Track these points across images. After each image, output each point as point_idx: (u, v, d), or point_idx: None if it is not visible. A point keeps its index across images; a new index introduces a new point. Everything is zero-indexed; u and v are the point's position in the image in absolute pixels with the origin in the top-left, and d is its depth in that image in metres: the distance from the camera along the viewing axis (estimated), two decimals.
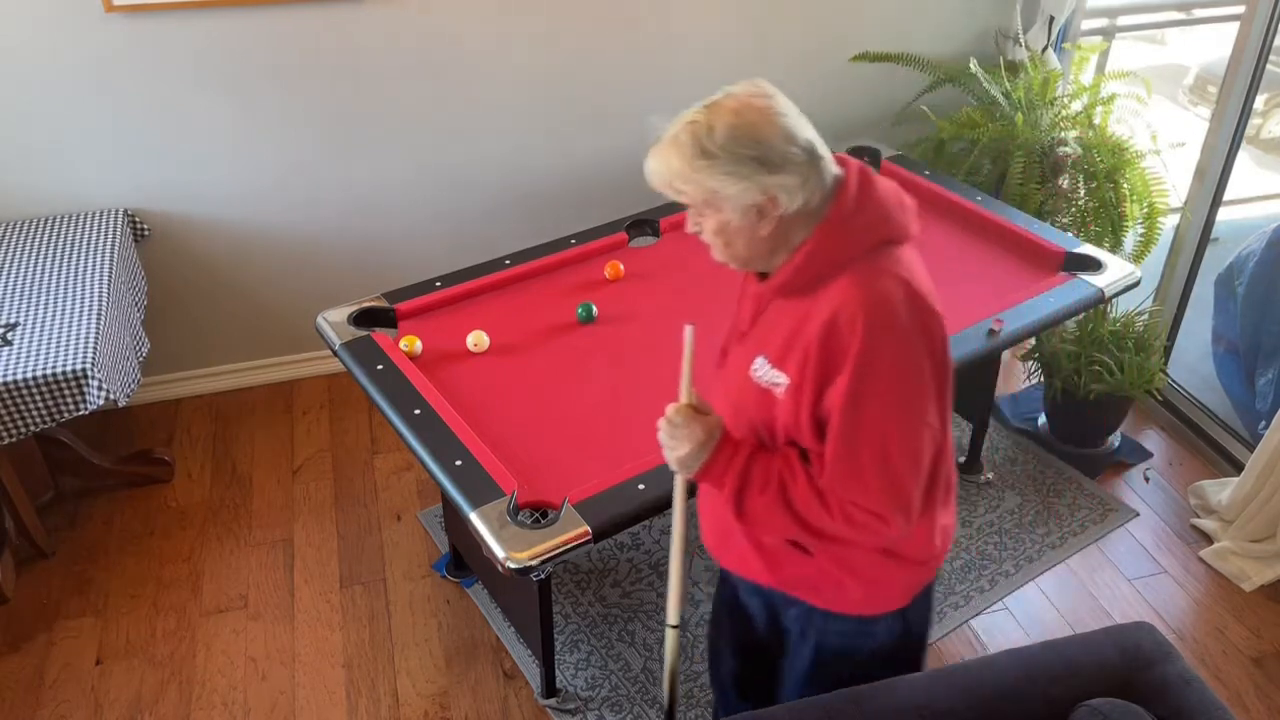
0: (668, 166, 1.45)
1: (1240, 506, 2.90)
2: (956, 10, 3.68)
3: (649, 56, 3.41)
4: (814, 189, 1.40)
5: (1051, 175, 3.33)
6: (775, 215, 1.40)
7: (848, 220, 1.41)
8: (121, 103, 2.96)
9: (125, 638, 2.70)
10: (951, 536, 1.70)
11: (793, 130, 1.38)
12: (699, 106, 1.43)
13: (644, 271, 2.81)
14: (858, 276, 1.40)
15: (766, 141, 1.37)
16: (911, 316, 1.39)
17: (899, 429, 1.42)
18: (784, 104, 1.41)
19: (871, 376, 1.38)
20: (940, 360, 1.44)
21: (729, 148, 1.37)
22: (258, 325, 3.48)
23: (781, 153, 1.36)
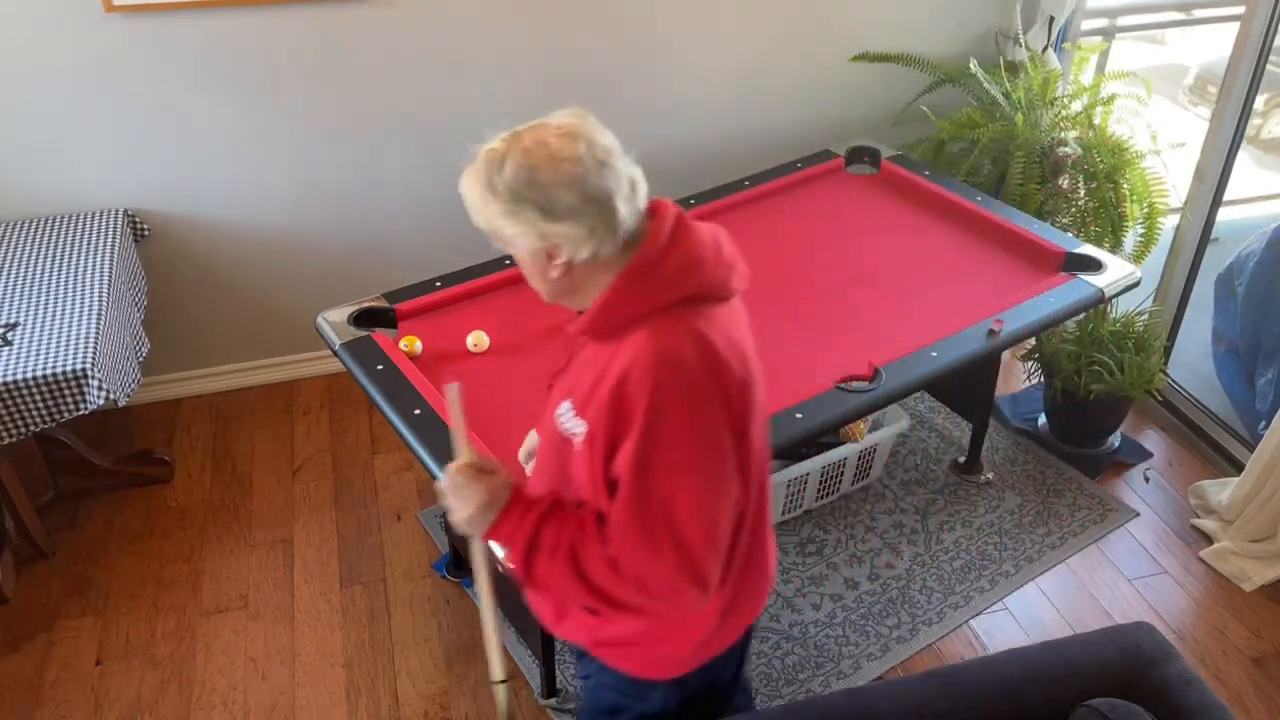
0: (467, 192, 1.40)
1: (1240, 506, 2.90)
2: (956, 10, 3.68)
3: (649, 56, 3.41)
4: (604, 240, 1.31)
5: (1051, 175, 3.33)
6: (560, 262, 1.34)
7: (647, 273, 1.32)
8: (122, 103, 2.96)
9: (125, 638, 2.70)
10: (752, 606, 1.61)
11: (583, 179, 1.28)
12: (510, 132, 1.35)
13: None
14: (654, 331, 1.30)
15: (548, 189, 1.28)
16: (707, 378, 1.30)
17: (692, 497, 1.32)
18: (585, 146, 1.30)
19: (659, 441, 1.29)
20: (740, 426, 1.35)
21: (511, 188, 1.30)
22: (258, 325, 3.48)
23: (565, 203, 1.28)
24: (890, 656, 2.64)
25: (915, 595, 2.80)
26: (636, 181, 1.35)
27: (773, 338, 2.57)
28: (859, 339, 2.54)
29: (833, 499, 3.09)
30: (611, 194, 1.30)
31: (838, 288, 2.74)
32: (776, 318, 2.63)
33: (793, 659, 2.63)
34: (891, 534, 2.99)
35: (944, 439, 3.34)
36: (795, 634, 2.70)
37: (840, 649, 2.66)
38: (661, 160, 3.62)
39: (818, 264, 2.83)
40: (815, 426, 2.26)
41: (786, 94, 3.66)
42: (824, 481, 2.98)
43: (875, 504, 3.09)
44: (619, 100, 3.45)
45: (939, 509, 3.07)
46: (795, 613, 2.75)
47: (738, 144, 3.68)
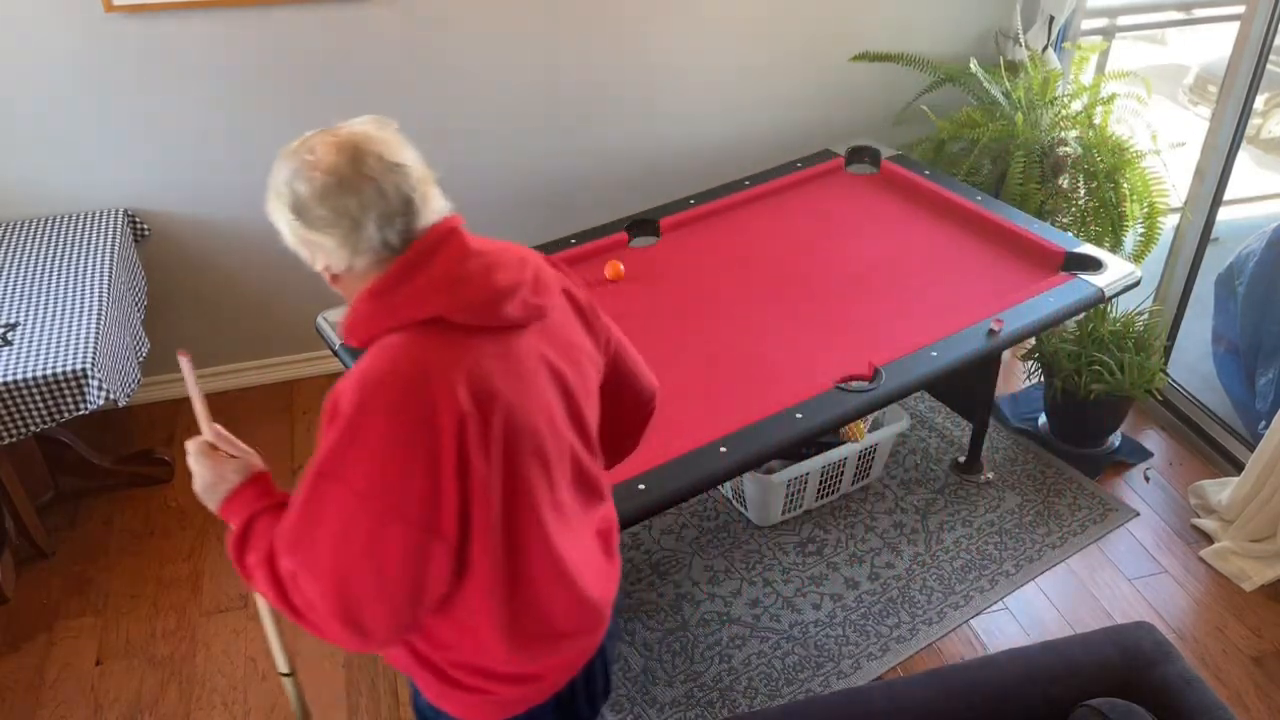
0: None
1: (1240, 506, 2.90)
2: (956, 10, 3.68)
3: (649, 56, 3.41)
4: (354, 256, 1.29)
5: (1051, 175, 3.33)
6: (322, 269, 1.33)
7: (385, 292, 1.29)
8: (122, 103, 2.96)
9: (125, 638, 2.70)
10: (547, 672, 1.49)
11: (334, 192, 1.26)
12: (320, 130, 1.34)
13: (644, 271, 2.81)
14: (378, 348, 1.28)
15: (301, 196, 1.27)
16: (406, 401, 1.23)
17: (346, 520, 1.25)
18: (348, 159, 1.27)
19: (334, 451, 1.25)
20: (458, 465, 1.25)
21: (278, 188, 1.30)
22: (258, 325, 3.48)
23: (315, 213, 1.27)
24: (890, 656, 2.64)
25: (915, 595, 2.80)
26: (415, 200, 1.31)
27: (773, 338, 2.57)
28: (859, 339, 2.54)
29: (833, 499, 3.09)
30: (363, 211, 1.27)
31: (838, 288, 2.74)
32: (776, 318, 2.63)
33: (793, 659, 2.63)
34: (891, 534, 2.99)
35: (944, 439, 3.34)
36: (795, 634, 2.70)
37: (840, 649, 2.66)
38: (662, 160, 3.62)
39: (818, 264, 2.83)
40: (815, 426, 2.26)
41: (786, 94, 3.66)
42: (824, 481, 2.98)
43: (875, 504, 3.09)
44: (619, 100, 3.45)
45: (939, 509, 3.07)
46: (795, 612, 2.75)
47: (738, 144, 3.68)
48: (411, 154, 1.34)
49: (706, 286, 2.75)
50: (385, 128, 1.35)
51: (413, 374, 1.25)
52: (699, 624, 2.72)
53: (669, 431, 2.25)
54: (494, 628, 1.39)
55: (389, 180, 1.28)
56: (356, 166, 1.27)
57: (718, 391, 2.39)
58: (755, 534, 2.99)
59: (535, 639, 1.45)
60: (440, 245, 1.32)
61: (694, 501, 3.07)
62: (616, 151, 3.56)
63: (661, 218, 2.98)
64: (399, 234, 1.30)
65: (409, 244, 1.30)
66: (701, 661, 2.62)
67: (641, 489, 2.07)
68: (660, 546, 2.95)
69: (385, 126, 1.35)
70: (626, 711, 2.50)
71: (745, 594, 2.80)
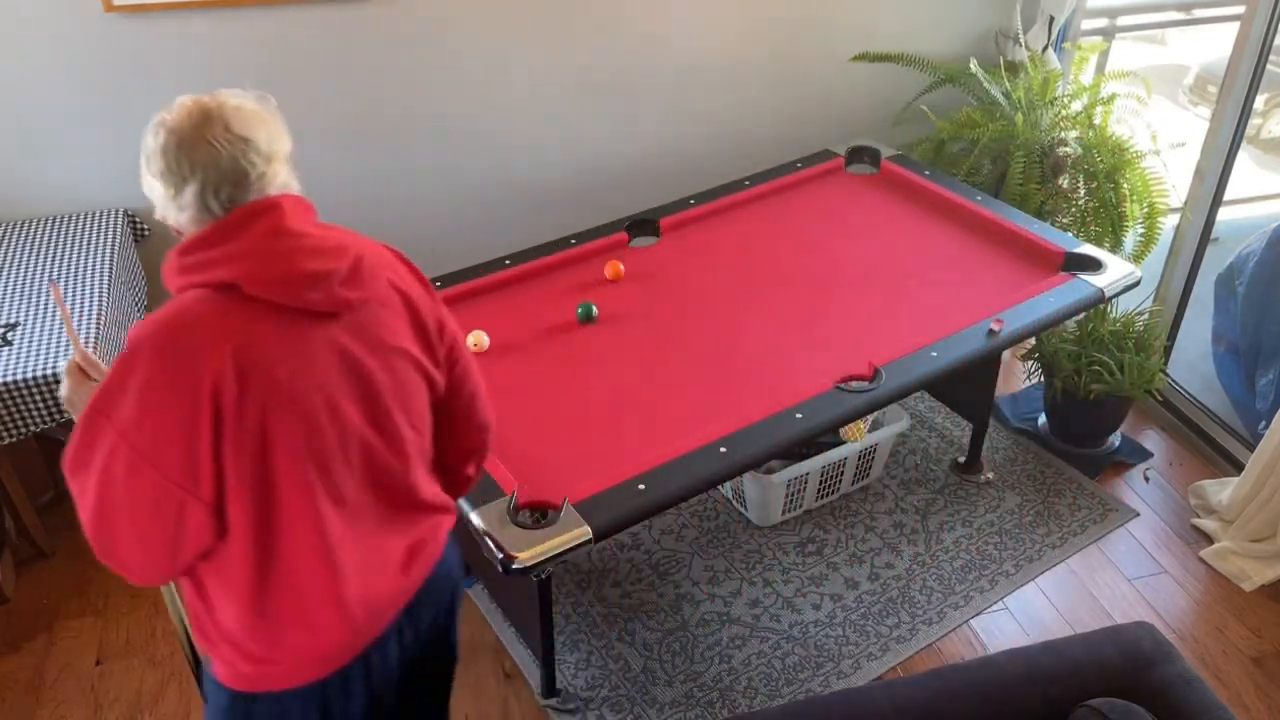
0: None
1: (1240, 506, 2.90)
2: (956, 10, 3.68)
3: (649, 56, 3.41)
4: (181, 212, 1.38)
5: (1051, 175, 3.33)
6: (159, 218, 1.43)
7: (192, 250, 1.37)
8: (122, 102, 2.96)
9: (125, 638, 2.70)
10: (305, 653, 1.47)
11: (173, 148, 1.34)
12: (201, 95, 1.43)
13: (644, 271, 2.81)
14: (171, 301, 1.38)
15: (148, 146, 1.37)
16: (176, 352, 1.29)
17: (120, 458, 1.28)
18: (193, 124, 1.36)
19: (112, 388, 1.29)
20: (213, 425, 1.28)
21: (145, 137, 1.40)
22: None
23: (154, 164, 1.37)
24: (890, 656, 2.64)
25: (915, 595, 2.80)
26: (251, 175, 1.35)
27: (773, 338, 2.57)
28: (859, 339, 2.54)
29: (833, 499, 3.09)
30: (191, 172, 1.34)
31: (838, 288, 2.74)
32: (776, 318, 2.63)
33: (793, 659, 2.63)
34: (891, 534, 2.99)
35: (944, 439, 3.34)
36: (795, 634, 2.70)
37: (840, 649, 2.66)
38: (661, 160, 3.62)
39: (818, 264, 2.83)
40: (815, 426, 2.26)
41: (787, 94, 3.66)
42: (824, 481, 2.98)
43: (875, 504, 3.09)
44: (619, 100, 3.45)
45: (939, 509, 3.07)
46: (795, 613, 2.75)
47: (738, 144, 3.68)
48: (269, 132, 1.40)
49: (706, 286, 2.75)
50: (260, 102, 1.44)
51: (184, 325, 1.31)
52: (699, 624, 2.72)
53: (669, 431, 2.25)
54: (243, 597, 1.41)
55: (228, 150, 1.34)
56: (200, 130, 1.35)
57: (718, 392, 2.39)
58: (755, 534, 2.99)
59: (279, 623, 1.44)
60: (255, 219, 1.35)
61: (694, 501, 3.07)
62: (617, 151, 3.56)
63: (661, 218, 2.98)
64: (221, 202, 1.35)
65: (229, 212, 1.35)
66: (701, 661, 2.62)
67: (641, 489, 2.07)
68: (660, 546, 2.95)
69: (261, 101, 1.44)
70: (626, 711, 2.50)
71: (745, 594, 2.80)
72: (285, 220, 1.37)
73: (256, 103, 1.43)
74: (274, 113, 1.44)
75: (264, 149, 1.37)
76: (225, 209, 1.35)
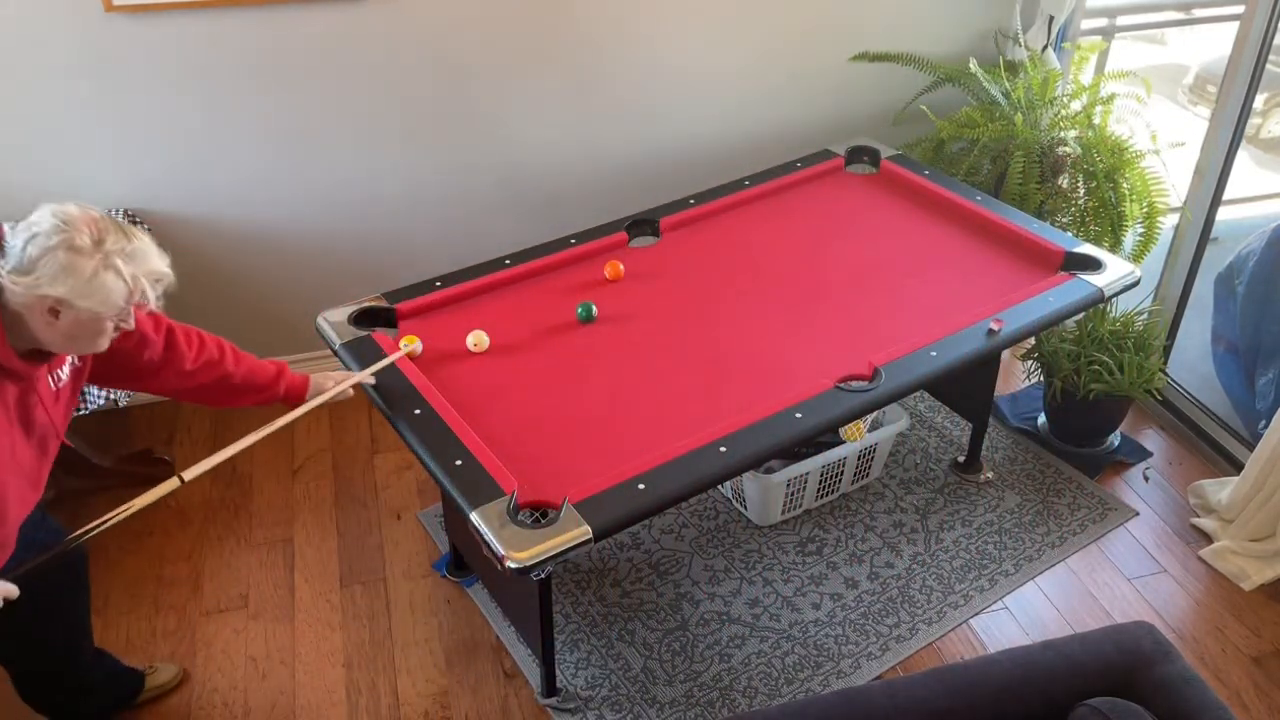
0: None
1: (1240, 506, 2.90)
2: (956, 10, 3.68)
3: (648, 57, 3.41)
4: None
5: (1051, 175, 3.33)
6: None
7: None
8: (121, 102, 2.96)
9: (125, 638, 2.70)
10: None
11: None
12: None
13: (644, 271, 2.81)
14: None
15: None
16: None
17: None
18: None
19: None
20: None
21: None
22: (258, 325, 3.48)
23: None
24: (890, 656, 2.64)
25: (915, 594, 2.80)
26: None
27: (772, 337, 2.57)
28: (859, 339, 2.54)
29: (832, 498, 3.09)
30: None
31: (838, 287, 2.74)
32: (776, 317, 2.63)
33: (793, 658, 2.63)
34: (891, 533, 2.99)
35: (944, 438, 3.34)
36: (795, 633, 2.70)
37: (840, 648, 2.66)
38: (661, 160, 3.62)
39: (817, 264, 2.84)
40: (815, 426, 2.26)
41: (786, 94, 3.66)
42: (824, 481, 2.98)
43: (875, 503, 3.09)
44: (619, 100, 3.45)
45: (939, 508, 3.07)
46: (795, 612, 2.76)
47: (738, 144, 3.68)
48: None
49: (706, 286, 2.75)
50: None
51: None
52: (699, 624, 2.72)
53: (669, 431, 2.26)
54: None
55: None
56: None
57: (717, 391, 2.39)
58: (755, 534, 2.99)
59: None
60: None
61: (694, 501, 3.07)
62: (616, 151, 3.56)
63: (661, 218, 2.98)
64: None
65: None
66: (701, 661, 2.63)
67: (641, 489, 2.07)
68: (660, 546, 2.95)
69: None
70: (626, 711, 2.50)
71: (745, 594, 2.81)
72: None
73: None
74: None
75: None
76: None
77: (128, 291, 1.67)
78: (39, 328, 1.66)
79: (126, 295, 1.67)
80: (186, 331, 2.08)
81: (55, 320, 1.65)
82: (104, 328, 1.70)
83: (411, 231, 3.48)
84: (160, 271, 1.75)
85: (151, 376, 2.04)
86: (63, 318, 1.64)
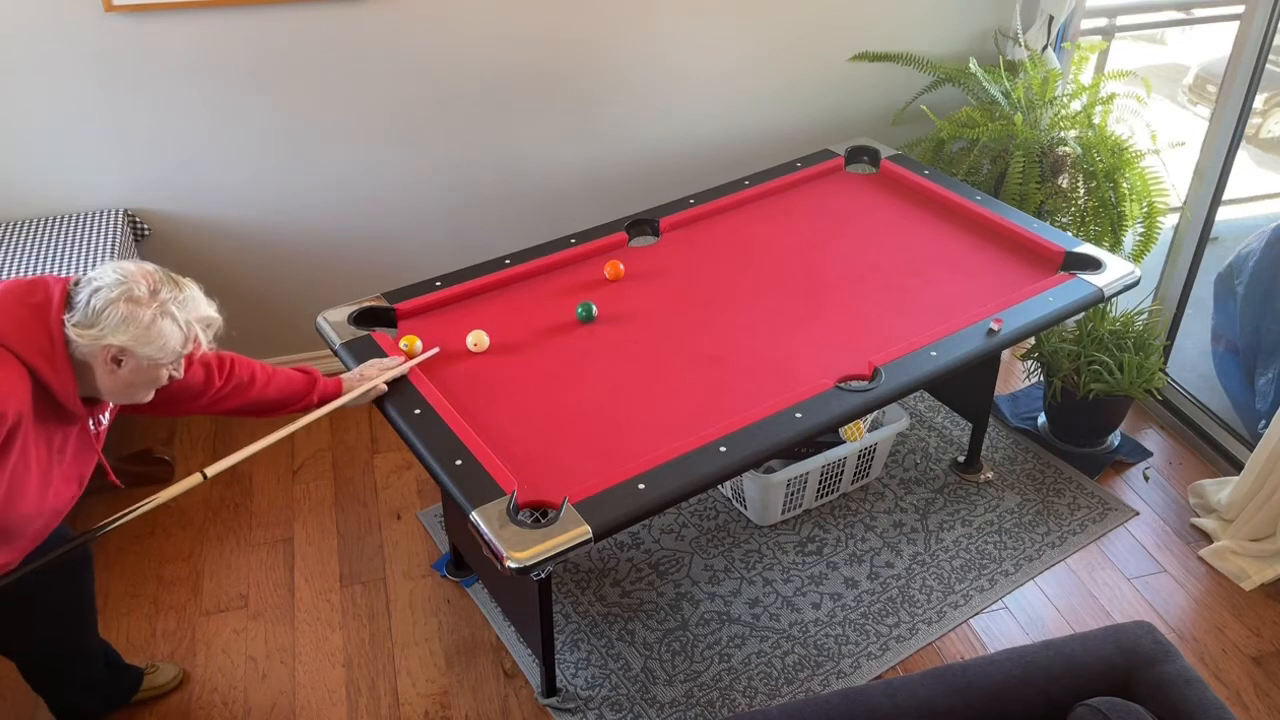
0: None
1: (1240, 505, 2.90)
2: (956, 10, 3.69)
3: (648, 57, 3.41)
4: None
5: (1051, 175, 3.33)
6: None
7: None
8: (121, 102, 2.96)
9: (125, 638, 2.70)
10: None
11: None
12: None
13: (644, 271, 2.81)
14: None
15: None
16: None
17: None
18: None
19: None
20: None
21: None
22: (258, 325, 3.49)
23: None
24: (890, 656, 2.64)
25: (915, 594, 2.80)
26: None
27: (772, 337, 2.57)
28: (859, 338, 2.54)
29: (832, 498, 3.09)
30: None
31: (838, 287, 2.74)
32: (776, 317, 2.63)
33: (793, 658, 2.63)
34: (891, 533, 2.99)
35: (944, 438, 3.34)
36: (795, 633, 2.70)
37: (840, 648, 2.66)
38: (661, 160, 3.62)
39: (817, 264, 2.84)
40: (815, 426, 2.26)
41: (786, 94, 3.66)
42: (824, 481, 2.98)
43: (875, 503, 3.09)
44: (619, 100, 3.46)
45: (939, 508, 3.07)
46: (795, 612, 2.76)
47: (738, 144, 3.69)
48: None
49: (706, 286, 2.75)
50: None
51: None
52: (699, 624, 2.72)
53: (669, 431, 2.26)
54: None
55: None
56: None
57: (717, 391, 2.39)
58: (755, 533, 2.99)
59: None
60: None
61: (694, 501, 3.07)
62: (617, 151, 3.56)
63: (661, 218, 2.98)
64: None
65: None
66: (701, 661, 2.63)
67: (641, 488, 2.07)
68: (660, 546, 2.95)
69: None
70: (626, 711, 2.50)
71: (745, 593, 2.81)
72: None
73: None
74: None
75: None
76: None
77: (183, 337, 1.82)
78: (101, 376, 1.79)
79: (182, 340, 1.82)
80: (220, 358, 2.17)
81: (117, 369, 1.78)
82: (160, 375, 1.85)
83: (411, 231, 3.48)
84: (210, 317, 1.90)
85: (184, 403, 2.14)
86: (124, 366, 1.78)
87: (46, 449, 1.81)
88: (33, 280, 1.76)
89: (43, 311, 1.72)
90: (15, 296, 1.73)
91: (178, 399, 2.09)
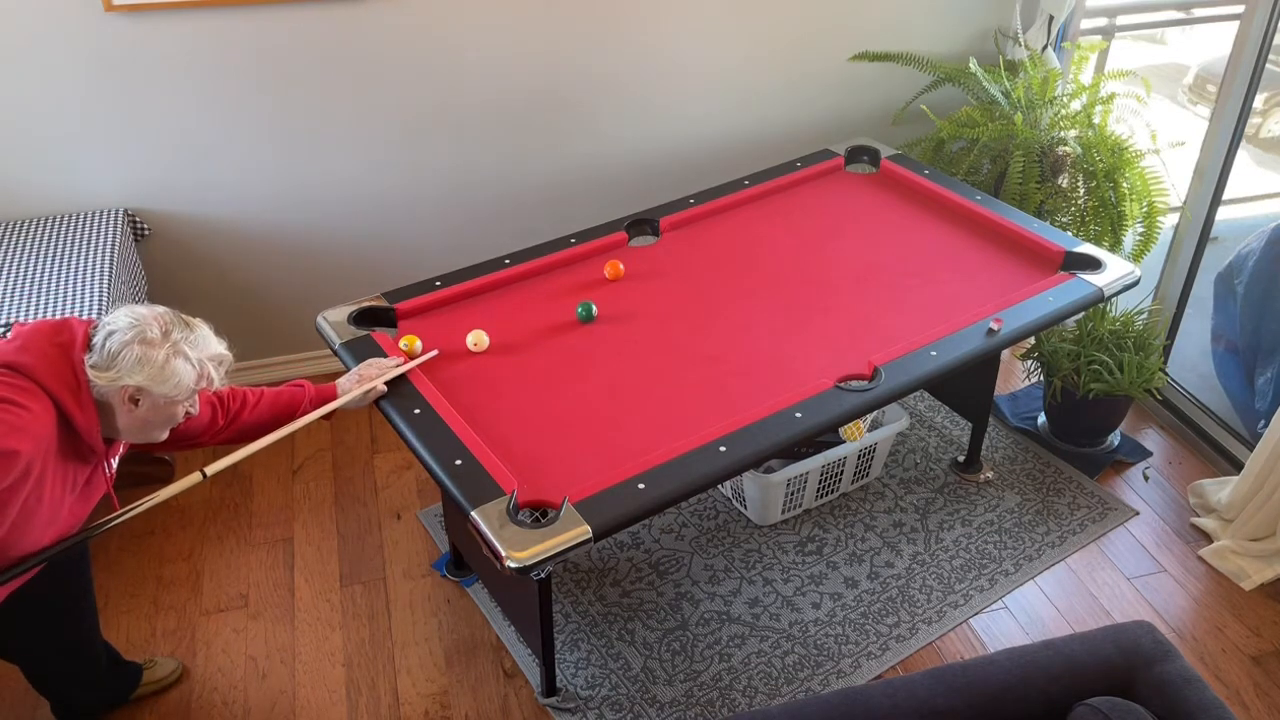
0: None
1: (1240, 505, 2.90)
2: (956, 10, 3.69)
3: (648, 57, 3.41)
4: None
5: (1051, 174, 3.33)
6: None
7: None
8: (121, 102, 2.96)
9: (125, 637, 2.70)
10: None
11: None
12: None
13: (644, 271, 2.81)
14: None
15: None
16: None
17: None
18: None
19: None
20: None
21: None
22: (258, 325, 3.49)
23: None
24: (890, 655, 2.64)
25: (915, 594, 2.80)
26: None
27: (772, 337, 2.57)
28: (858, 338, 2.54)
29: (832, 498, 3.09)
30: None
31: (837, 287, 2.74)
32: (776, 317, 2.63)
33: (792, 658, 2.63)
34: (891, 533, 2.99)
35: (944, 438, 3.34)
36: (795, 633, 2.70)
37: (840, 648, 2.66)
38: (661, 160, 3.62)
39: (817, 263, 2.84)
40: (815, 426, 2.26)
41: (786, 93, 3.66)
42: (823, 481, 2.98)
43: (875, 503, 3.09)
44: (619, 99, 3.45)
45: (939, 508, 3.07)
46: (795, 611, 2.76)
47: (738, 144, 3.69)
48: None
49: (706, 286, 2.75)
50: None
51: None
52: (699, 623, 2.72)
53: (669, 431, 2.26)
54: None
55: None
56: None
57: (717, 391, 2.39)
58: (755, 533, 2.99)
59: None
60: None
61: (694, 501, 3.07)
62: (616, 151, 3.56)
63: (661, 217, 2.98)
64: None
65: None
66: (701, 661, 2.63)
67: (641, 488, 2.07)
68: (660, 546, 2.95)
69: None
70: (626, 710, 2.51)
71: (745, 593, 2.81)
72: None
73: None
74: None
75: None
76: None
77: (196, 375, 1.88)
78: (120, 415, 1.86)
79: (195, 378, 1.88)
80: (219, 394, 2.22)
81: (135, 408, 1.85)
82: (176, 413, 1.92)
83: (411, 231, 3.48)
84: (221, 354, 1.98)
85: (190, 439, 2.22)
86: (141, 405, 1.84)
87: (60, 485, 1.87)
88: (60, 321, 1.84)
89: (69, 351, 1.80)
90: (44, 335, 1.81)
91: (184, 435, 2.16)
